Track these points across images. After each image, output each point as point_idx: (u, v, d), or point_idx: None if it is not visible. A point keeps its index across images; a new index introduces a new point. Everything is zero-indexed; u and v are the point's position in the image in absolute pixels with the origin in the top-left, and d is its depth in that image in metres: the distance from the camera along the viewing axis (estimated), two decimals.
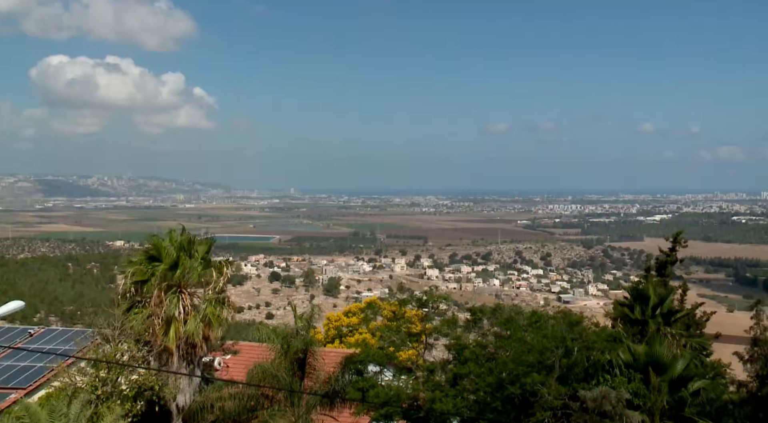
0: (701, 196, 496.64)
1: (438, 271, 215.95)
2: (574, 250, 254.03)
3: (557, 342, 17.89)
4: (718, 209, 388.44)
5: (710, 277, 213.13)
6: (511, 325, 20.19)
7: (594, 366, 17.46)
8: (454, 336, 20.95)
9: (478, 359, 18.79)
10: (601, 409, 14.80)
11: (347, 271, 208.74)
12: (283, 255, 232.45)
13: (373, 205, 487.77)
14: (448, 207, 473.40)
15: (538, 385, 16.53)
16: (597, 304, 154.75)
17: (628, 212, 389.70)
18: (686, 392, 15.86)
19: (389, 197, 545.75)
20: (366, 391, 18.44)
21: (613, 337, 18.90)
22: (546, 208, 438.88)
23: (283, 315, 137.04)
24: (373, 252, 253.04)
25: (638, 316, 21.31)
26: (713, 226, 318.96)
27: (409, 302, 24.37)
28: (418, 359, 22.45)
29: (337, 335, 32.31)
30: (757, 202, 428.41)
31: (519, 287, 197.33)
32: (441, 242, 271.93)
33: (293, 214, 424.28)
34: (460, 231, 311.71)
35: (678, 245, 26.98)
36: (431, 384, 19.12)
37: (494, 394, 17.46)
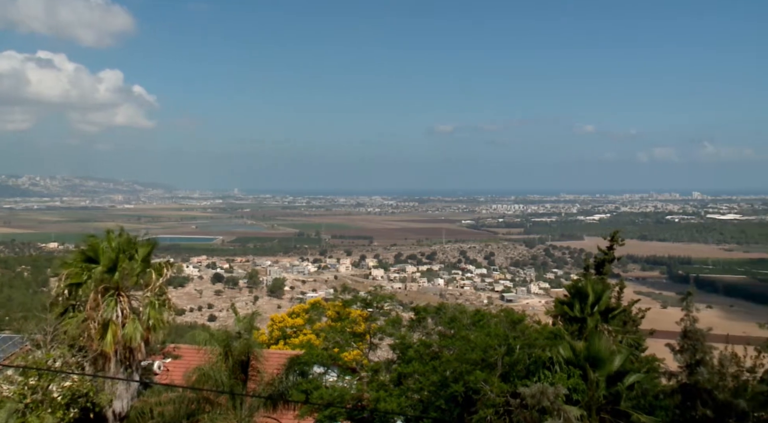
0: (638, 196, 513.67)
1: (383, 271, 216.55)
2: (517, 249, 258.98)
3: (500, 340, 18.15)
4: (653, 209, 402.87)
5: (646, 274, 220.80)
6: (455, 324, 20.37)
7: (535, 363, 17.77)
8: (399, 335, 20.98)
9: (423, 358, 18.87)
10: (540, 405, 15.07)
11: (292, 271, 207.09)
12: (227, 256, 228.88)
13: (318, 205, 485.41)
14: (393, 207, 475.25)
15: (481, 382, 16.72)
16: (539, 302, 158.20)
17: (569, 212, 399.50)
18: (622, 386, 16.32)
19: (334, 197, 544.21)
20: (310, 393, 18.28)
21: (554, 335, 19.29)
22: (490, 208, 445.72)
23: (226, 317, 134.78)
24: (318, 252, 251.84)
25: (578, 313, 21.81)
26: (649, 225, 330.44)
27: (354, 302, 24.27)
28: (362, 359, 22.38)
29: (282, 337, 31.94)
30: (689, 202, 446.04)
31: (463, 286, 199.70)
32: (386, 242, 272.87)
33: (237, 215, 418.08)
34: (405, 231, 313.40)
35: (615, 244, 27.78)
36: (376, 384, 19.09)
37: (438, 393, 17.58)
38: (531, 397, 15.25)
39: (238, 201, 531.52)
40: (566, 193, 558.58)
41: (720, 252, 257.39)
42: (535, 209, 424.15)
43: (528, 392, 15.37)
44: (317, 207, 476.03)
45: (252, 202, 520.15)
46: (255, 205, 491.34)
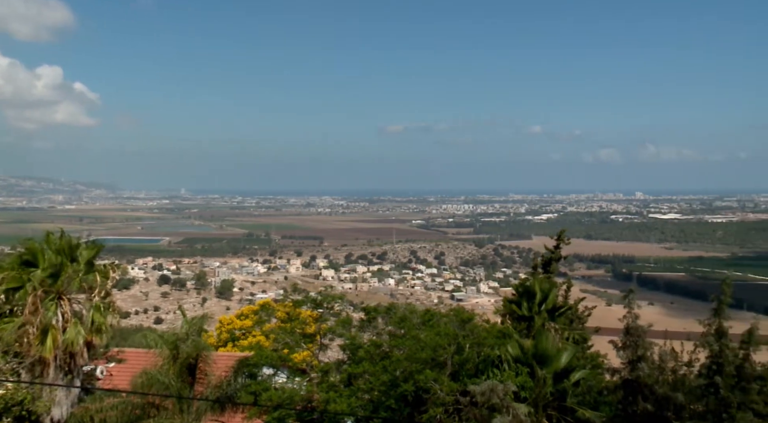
0: (584, 196, 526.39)
1: (334, 271, 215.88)
2: (467, 249, 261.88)
3: (450, 339, 18.29)
4: (598, 209, 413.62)
5: (591, 273, 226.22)
6: (405, 323, 20.44)
7: (484, 361, 17.99)
8: (349, 336, 20.94)
9: (373, 358, 18.87)
10: (490, 403, 15.24)
11: (241, 272, 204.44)
12: (174, 257, 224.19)
13: (268, 206, 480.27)
14: (344, 207, 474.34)
15: (431, 382, 16.82)
16: (488, 301, 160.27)
17: (518, 212, 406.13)
18: (568, 383, 16.65)
19: (284, 197, 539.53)
20: (259, 394, 18.06)
21: (502, 333, 19.56)
22: (440, 208, 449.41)
23: (174, 319, 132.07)
24: (268, 253, 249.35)
25: (525, 312, 22.16)
26: (594, 225, 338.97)
27: (304, 303, 24.12)
28: (312, 360, 22.24)
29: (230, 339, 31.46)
30: (632, 202, 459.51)
31: (413, 286, 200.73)
32: (337, 242, 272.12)
33: (184, 215, 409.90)
34: (355, 231, 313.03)
35: (562, 243, 28.33)
36: (326, 385, 19.00)
37: (388, 393, 17.60)
38: (481, 394, 15.41)
39: (185, 201, 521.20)
40: (515, 193, 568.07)
41: (661, 250, 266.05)
42: (485, 209, 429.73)
43: (478, 390, 15.52)
44: (267, 207, 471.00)
45: (200, 202, 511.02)
46: (203, 205, 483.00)
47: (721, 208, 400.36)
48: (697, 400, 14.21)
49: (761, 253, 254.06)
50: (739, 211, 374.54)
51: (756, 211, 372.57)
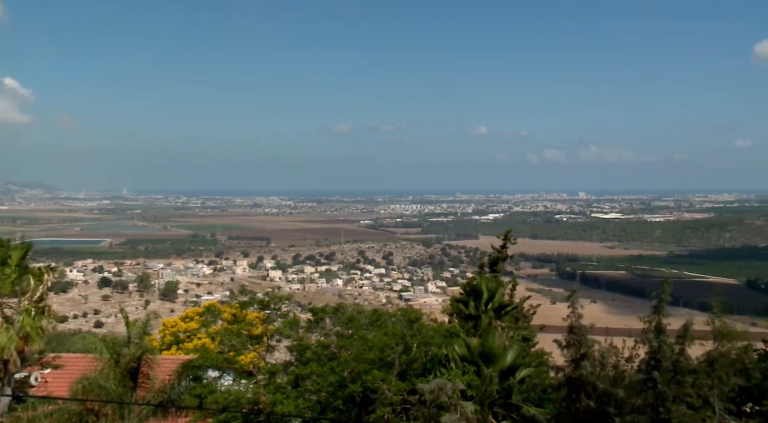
0: (529, 196, 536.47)
1: (281, 272, 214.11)
2: (415, 248, 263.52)
3: (397, 339, 18.33)
4: (543, 208, 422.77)
5: (537, 272, 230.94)
6: (353, 324, 20.38)
7: (432, 360, 18.10)
8: (297, 337, 20.75)
9: (320, 359, 18.75)
10: (438, 401, 15.33)
11: (186, 274, 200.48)
12: (115, 259, 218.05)
13: (214, 206, 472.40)
14: (291, 207, 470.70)
15: (379, 382, 16.82)
16: (436, 300, 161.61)
17: (465, 212, 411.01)
18: (514, 381, 16.92)
19: (230, 198, 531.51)
20: (204, 398, 17.69)
21: (450, 332, 19.71)
22: (388, 208, 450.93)
23: (115, 323, 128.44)
24: (214, 254, 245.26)
25: (472, 311, 22.40)
26: (539, 224, 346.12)
27: (251, 304, 23.79)
28: (259, 362, 21.94)
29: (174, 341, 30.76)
30: (576, 202, 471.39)
31: (362, 286, 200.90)
32: (284, 243, 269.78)
33: (126, 216, 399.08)
34: (303, 231, 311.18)
35: (508, 243, 28.74)
36: (273, 386, 18.78)
37: (336, 394, 17.52)
38: (430, 393, 15.49)
39: (127, 202, 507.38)
40: (462, 193, 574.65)
41: (603, 249, 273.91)
42: (432, 209, 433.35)
43: (427, 388, 15.60)
44: (213, 208, 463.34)
45: (143, 202, 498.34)
46: (146, 205, 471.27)
47: (659, 207, 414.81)
48: (636, 395, 14.60)
49: (696, 251, 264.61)
50: (675, 211, 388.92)
51: (691, 211, 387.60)
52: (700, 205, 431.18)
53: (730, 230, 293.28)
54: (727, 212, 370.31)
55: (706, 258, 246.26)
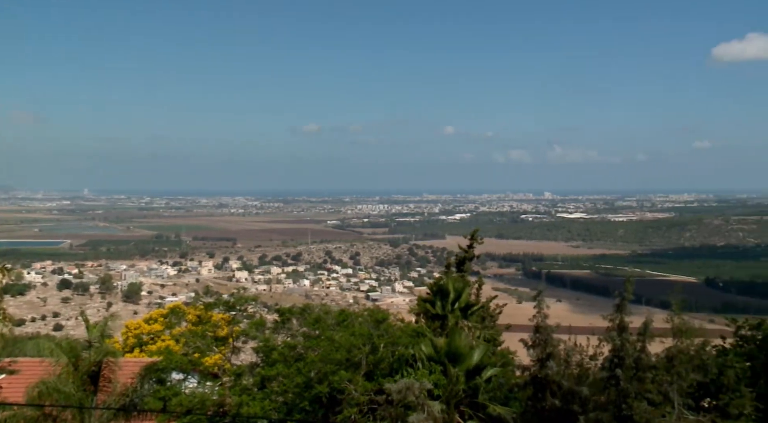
0: (495, 196, 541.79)
1: (247, 272, 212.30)
2: (382, 249, 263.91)
3: (364, 339, 18.32)
4: (509, 208, 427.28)
5: (503, 271, 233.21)
6: (319, 324, 20.30)
7: (399, 360, 18.14)
8: (263, 338, 20.59)
9: (287, 360, 18.63)
10: (406, 401, 15.35)
11: (150, 275, 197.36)
12: (76, 261, 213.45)
13: (178, 207, 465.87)
14: (257, 208, 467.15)
15: (346, 382, 16.78)
16: (403, 300, 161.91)
17: (432, 212, 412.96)
18: (480, 380, 17.04)
19: (196, 198, 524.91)
20: (168, 400, 17.42)
21: (417, 332, 19.75)
22: (355, 209, 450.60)
23: (75, 326, 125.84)
24: (179, 255, 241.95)
25: (439, 310, 22.48)
26: (505, 224, 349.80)
27: (216, 306, 23.53)
28: (225, 364, 21.70)
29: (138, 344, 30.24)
30: (541, 202, 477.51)
31: (329, 287, 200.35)
32: (250, 244, 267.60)
33: (87, 217, 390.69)
34: (270, 232, 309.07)
35: (475, 243, 28.90)
36: (238, 388, 18.61)
37: (302, 395, 17.44)
38: (397, 393, 15.51)
39: (88, 202, 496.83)
40: (429, 194, 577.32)
41: (568, 249, 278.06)
42: (399, 209, 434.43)
43: (394, 388, 15.62)
44: (177, 208, 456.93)
45: (105, 203, 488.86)
46: (108, 206, 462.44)
47: (622, 207, 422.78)
48: (600, 392, 14.84)
49: (657, 250, 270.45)
50: (638, 211, 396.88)
51: (653, 211, 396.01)
52: (662, 205, 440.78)
53: (690, 230, 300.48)
54: (687, 212, 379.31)
55: (667, 257, 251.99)
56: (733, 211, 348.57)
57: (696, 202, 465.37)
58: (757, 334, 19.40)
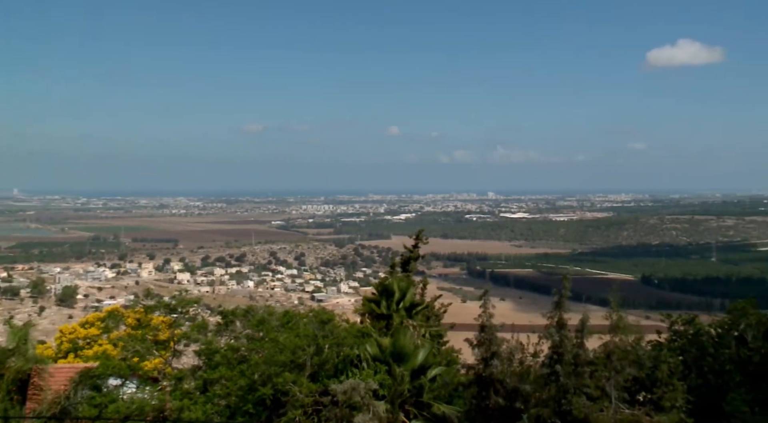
0: (440, 196, 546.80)
1: (189, 274, 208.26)
2: (327, 249, 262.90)
3: (309, 340, 18.17)
4: (454, 208, 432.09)
5: (448, 271, 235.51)
6: (263, 326, 20.05)
7: (344, 361, 18.06)
8: (205, 341, 20.20)
9: (230, 363, 18.34)
10: (351, 402, 15.30)
11: (86, 278, 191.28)
12: (4, 264, 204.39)
13: (117, 207, 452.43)
14: (200, 208, 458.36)
15: (290, 384, 16.61)
16: (348, 301, 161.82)
17: (377, 212, 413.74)
18: (425, 379, 17.13)
19: (135, 198, 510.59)
20: (104, 407, 16.84)
21: (362, 333, 19.72)
22: (300, 209, 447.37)
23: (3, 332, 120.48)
24: (117, 257, 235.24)
25: (384, 310, 22.50)
26: (450, 224, 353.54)
27: (157, 308, 22.97)
28: (165, 368, 21.18)
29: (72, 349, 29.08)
30: (485, 202, 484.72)
31: (273, 288, 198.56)
32: (193, 245, 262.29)
33: (18, 218, 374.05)
34: (213, 233, 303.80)
35: (420, 242, 29.08)
36: (180, 392, 18.19)
37: (246, 397, 17.18)
38: (343, 393, 15.45)
39: (18, 203, 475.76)
40: (374, 194, 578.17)
41: (511, 248, 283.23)
42: (345, 209, 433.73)
43: (340, 389, 15.55)
44: (115, 209, 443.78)
45: (37, 203, 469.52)
46: (40, 207, 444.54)
47: (563, 207, 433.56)
48: (541, 389, 15.12)
49: (597, 249, 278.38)
50: (578, 211, 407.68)
51: (592, 211, 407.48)
52: (601, 204, 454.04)
53: (627, 229, 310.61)
54: (625, 212, 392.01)
55: (606, 255, 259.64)
56: (667, 211, 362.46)
57: (633, 201, 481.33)
58: (689, 329, 20.17)
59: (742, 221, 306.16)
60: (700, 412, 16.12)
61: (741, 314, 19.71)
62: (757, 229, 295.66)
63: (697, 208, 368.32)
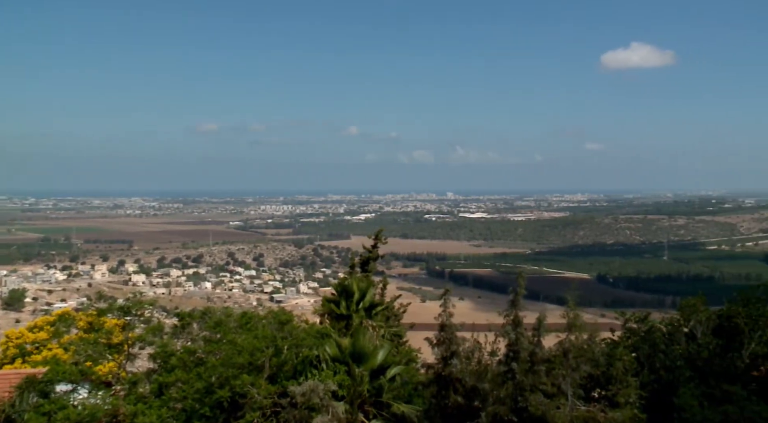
0: (399, 196, 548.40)
1: (145, 276, 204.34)
2: (286, 249, 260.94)
3: (267, 342, 17.97)
4: (413, 208, 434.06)
5: (407, 271, 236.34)
6: (221, 328, 19.74)
7: (303, 362, 17.91)
8: (161, 343, 19.78)
9: (187, 366, 17.98)
10: (310, 403, 15.20)
11: (35, 281, 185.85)
12: None
13: (68, 208, 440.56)
14: (156, 209, 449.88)
15: (248, 386, 16.40)
16: (308, 301, 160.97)
17: (337, 212, 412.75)
18: (384, 379, 17.12)
19: (87, 199, 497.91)
20: (54, 414, 16.32)
21: (321, 333, 19.58)
22: (258, 209, 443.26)
23: None
24: (69, 259, 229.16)
25: (344, 311, 22.41)
26: (409, 224, 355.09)
27: (110, 311, 22.40)
28: (120, 372, 20.69)
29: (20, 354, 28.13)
30: (444, 202, 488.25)
31: (231, 289, 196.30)
32: (148, 246, 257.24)
33: None
34: (169, 234, 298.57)
35: (379, 243, 29.04)
36: (134, 397, 17.76)
37: (203, 400, 16.89)
38: (302, 395, 15.33)
39: None
40: (334, 194, 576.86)
41: (470, 248, 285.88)
42: (304, 210, 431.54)
43: (298, 391, 15.43)
44: (67, 209, 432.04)
45: None
46: None
47: (521, 207, 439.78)
48: (498, 387, 15.27)
49: (554, 249, 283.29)
50: (536, 210, 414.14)
51: (550, 210, 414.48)
52: (557, 204, 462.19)
53: (584, 228, 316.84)
54: (581, 211, 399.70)
55: (562, 255, 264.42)
56: (621, 211, 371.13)
57: (588, 201, 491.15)
58: (642, 326, 20.65)
59: (692, 221, 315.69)
60: (653, 407, 16.52)
61: (691, 311, 20.28)
62: (706, 228, 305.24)
63: (650, 208, 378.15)
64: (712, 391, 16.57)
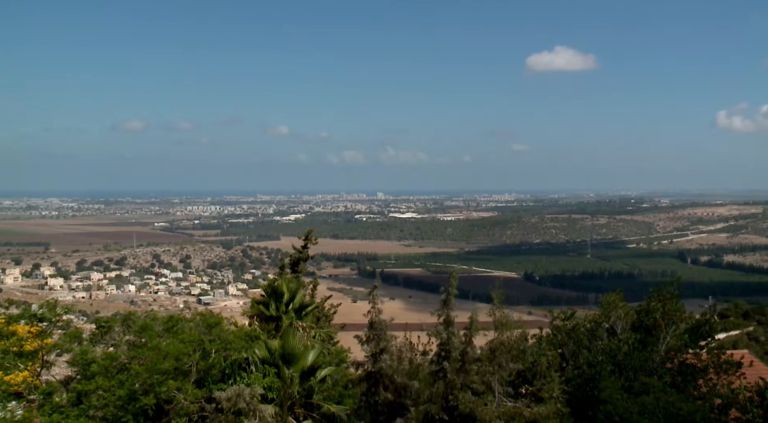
0: (330, 196, 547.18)
1: (63, 280, 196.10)
2: (214, 251, 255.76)
3: (194, 345, 17.51)
4: (344, 209, 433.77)
5: (338, 271, 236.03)
6: (146, 332, 19.09)
7: (232, 365, 17.55)
8: (80, 350, 18.94)
9: (108, 372, 17.29)
10: (236, 408, 14.95)
11: None
12: None
13: None
14: (74, 210, 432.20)
15: (174, 391, 15.95)
16: (237, 303, 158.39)
17: (266, 212, 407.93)
18: (315, 380, 16.98)
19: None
20: None
21: (250, 335, 19.24)
22: (185, 210, 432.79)
23: None
24: None
25: (273, 312, 22.09)
26: (340, 224, 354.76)
27: (22, 317, 21.24)
28: (34, 381, 19.66)
29: None
30: (375, 202, 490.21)
31: (157, 292, 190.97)
32: (66, 248, 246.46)
33: None
34: (89, 235, 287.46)
35: (310, 243, 28.79)
36: (49, 407, 16.92)
37: (126, 408, 16.28)
38: (227, 400, 15.05)
39: None
40: (263, 194, 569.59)
41: (401, 248, 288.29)
42: (232, 210, 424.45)
43: (224, 396, 15.14)
44: None
45: None
46: None
47: (450, 207, 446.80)
48: (430, 386, 15.41)
49: (483, 248, 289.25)
50: (465, 210, 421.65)
51: (478, 210, 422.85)
52: (486, 204, 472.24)
53: (511, 228, 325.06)
54: (509, 211, 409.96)
55: (491, 254, 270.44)
56: (547, 210, 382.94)
57: (516, 201, 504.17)
58: (568, 323, 21.27)
59: (613, 220, 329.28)
60: (577, 401, 17.04)
61: (611, 307, 21.04)
62: (626, 226, 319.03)
63: (574, 208, 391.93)
64: (631, 384, 17.22)
